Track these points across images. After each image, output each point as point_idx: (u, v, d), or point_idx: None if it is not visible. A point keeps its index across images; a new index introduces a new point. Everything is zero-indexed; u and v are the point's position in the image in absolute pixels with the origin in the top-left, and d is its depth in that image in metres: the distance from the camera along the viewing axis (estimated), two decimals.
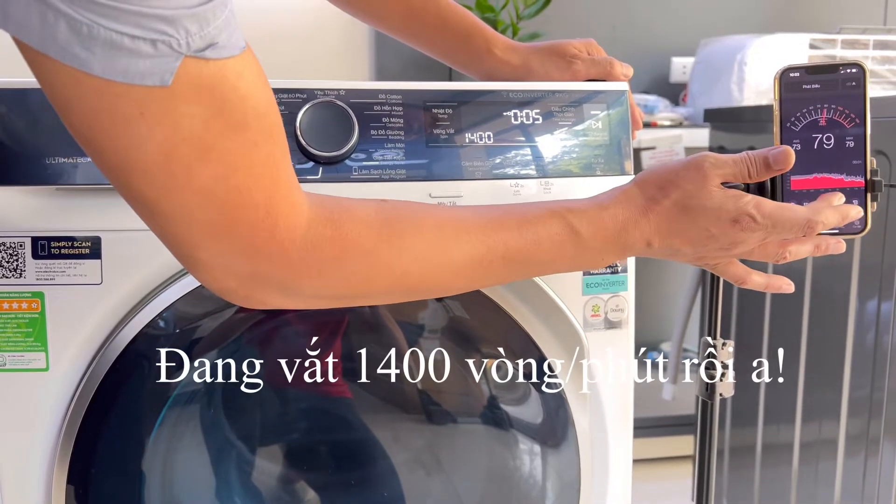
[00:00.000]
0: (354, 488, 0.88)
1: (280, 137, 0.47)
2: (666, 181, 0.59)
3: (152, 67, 0.39)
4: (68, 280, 0.69)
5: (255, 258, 0.47)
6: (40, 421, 0.70)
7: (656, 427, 1.74)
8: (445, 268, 0.55)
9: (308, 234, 0.49)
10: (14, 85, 0.68)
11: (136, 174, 0.43)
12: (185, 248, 0.47)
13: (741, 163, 0.60)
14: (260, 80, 0.45)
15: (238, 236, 0.46)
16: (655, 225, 0.59)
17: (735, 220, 0.57)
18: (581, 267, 0.67)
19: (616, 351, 0.79)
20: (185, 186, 0.43)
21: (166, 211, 0.44)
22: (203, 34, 0.40)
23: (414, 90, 0.74)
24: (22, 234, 0.69)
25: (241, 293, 0.50)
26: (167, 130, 0.41)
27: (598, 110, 0.78)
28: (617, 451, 0.81)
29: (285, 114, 0.71)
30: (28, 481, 0.71)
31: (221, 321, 0.74)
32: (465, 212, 0.58)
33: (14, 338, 0.69)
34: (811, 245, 0.62)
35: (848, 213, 0.60)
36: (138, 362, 0.71)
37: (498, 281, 0.63)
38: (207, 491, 0.84)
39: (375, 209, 0.54)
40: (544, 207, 0.59)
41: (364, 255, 0.52)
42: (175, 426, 0.76)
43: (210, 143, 0.43)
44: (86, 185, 0.68)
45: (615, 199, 0.60)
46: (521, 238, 0.57)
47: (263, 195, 0.46)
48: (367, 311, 0.79)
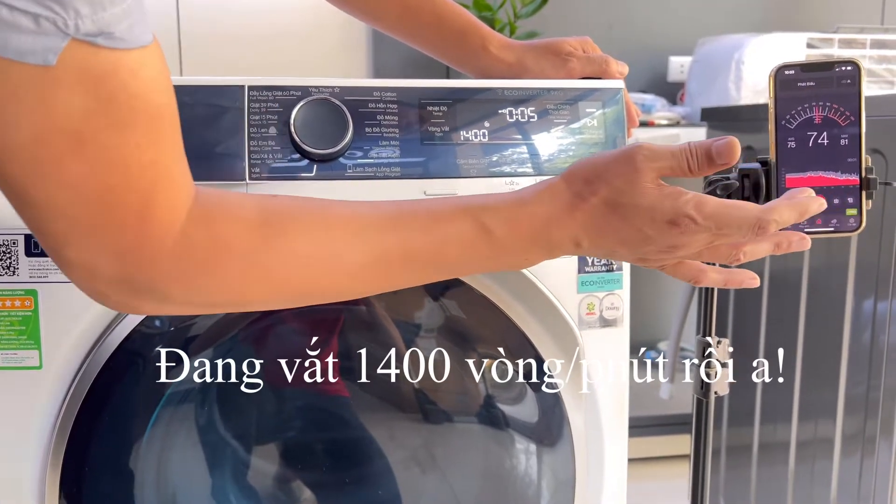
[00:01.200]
0: (350, 487, 0.88)
1: (171, 142, 0.44)
2: (594, 175, 0.53)
3: (34, 45, 0.37)
4: (62, 278, 0.68)
5: (123, 262, 0.45)
6: (33, 419, 0.70)
7: (654, 426, 1.74)
8: (336, 271, 0.51)
9: (181, 236, 0.46)
10: None
11: (6, 156, 0.40)
12: (52, 244, 0.44)
13: (680, 155, 0.53)
14: (160, 81, 0.42)
15: (107, 237, 0.44)
16: (582, 224, 0.53)
17: (672, 221, 0.51)
18: (503, 267, 0.60)
19: (611, 349, 0.79)
20: (55, 178, 0.41)
21: (35, 201, 0.42)
22: (95, 18, 0.38)
23: (409, 88, 0.74)
24: (15, 231, 0.68)
25: (112, 298, 0.47)
26: (41, 116, 0.39)
27: (593, 108, 0.78)
28: (612, 449, 0.81)
29: (279, 111, 0.71)
30: (21, 480, 0.71)
31: (216, 319, 0.74)
32: (363, 208, 0.53)
33: (7, 336, 0.69)
34: (769, 244, 0.55)
35: (808, 207, 0.54)
36: (132, 360, 0.71)
37: (403, 283, 0.57)
38: (203, 490, 0.84)
39: (258, 207, 0.49)
40: (454, 204, 0.54)
41: (237, 258, 0.48)
42: (169, 425, 0.76)
43: (86, 137, 0.40)
44: None
45: (537, 195, 0.54)
46: (425, 237, 0.52)
47: (138, 197, 0.43)
48: (363, 309, 0.79)
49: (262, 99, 0.71)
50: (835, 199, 0.64)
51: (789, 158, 0.63)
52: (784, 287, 1.14)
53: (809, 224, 0.64)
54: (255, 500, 0.86)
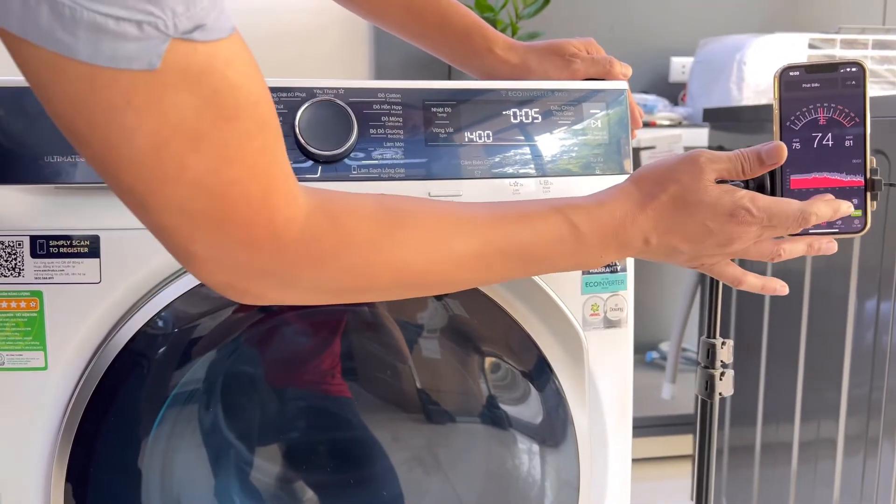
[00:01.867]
0: (353, 488, 0.88)
1: (274, 127, 0.46)
2: (663, 176, 0.59)
3: (139, 51, 0.37)
4: (67, 279, 0.69)
5: (252, 251, 0.46)
6: (39, 420, 0.70)
7: (655, 426, 1.75)
8: (447, 260, 0.55)
9: (306, 225, 0.48)
10: (12, 84, 0.68)
11: (124, 167, 0.41)
12: (178, 243, 0.45)
13: (735, 159, 0.60)
14: (251, 68, 0.44)
15: (233, 229, 0.45)
16: (653, 221, 0.59)
17: (731, 213, 0.58)
18: (580, 265, 0.67)
19: (615, 350, 0.79)
20: (177, 179, 0.42)
21: (158, 204, 0.43)
22: (190, 14, 0.38)
23: (413, 89, 0.74)
24: (20, 232, 0.68)
25: (238, 287, 0.49)
26: (156, 120, 0.40)
27: (597, 109, 0.78)
28: (616, 449, 0.81)
29: (284, 112, 0.71)
30: (27, 480, 0.71)
31: (220, 321, 0.74)
32: (464, 205, 0.58)
33: (13, 337, 0.69)
34: (804, 244, 0.62)
35: (839, 207, 0.61)
36: (137, 361, 0.71)
37: (497, 277, 0.62)
38: (206, 490, 0.84)
39: (374, 201, 0.53)
40: (544, 203, 0.59)
41: (363, 246, 0.51)
42: (174, 425, 0.76)
43: (202, 134, 0.41)
44: (85, 183, 0.68)
45: (612, 196, 0.60)
46: (521, 231, 0.56)
47: (258, 187, 0.45)
48: (365, 310, 0.79)
49: None
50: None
51: (794, 159, 0.63)
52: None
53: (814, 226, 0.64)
54: (258, 500, 0.86)
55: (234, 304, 0.72)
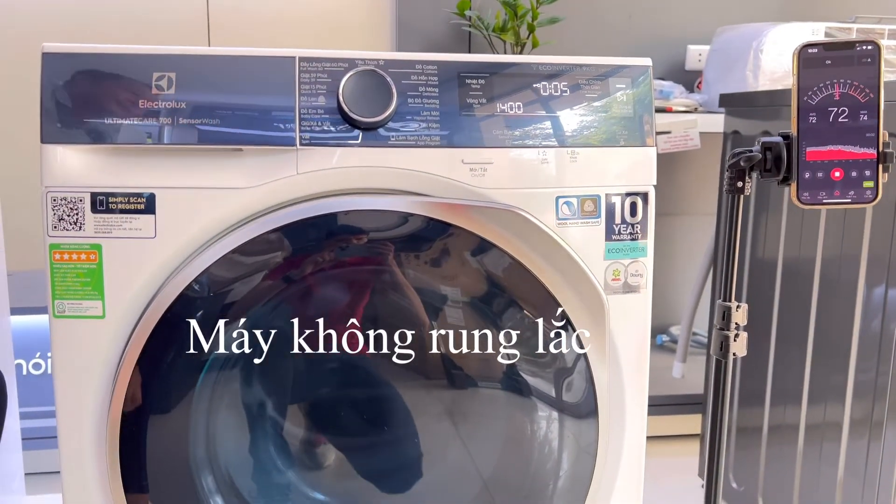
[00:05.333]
0: (376, 448, 0.91)
1: None
2: None
3: None
4: (124, 233, 0.73)
5: None
6: (96, 364, 0.75)
7: (665, 405, 1.78)
8: None
9: None
10: (78, 50, 0.72)
11: None
12: None
13: None
14: None
15: None
16: None
17: None
18: None
19: (634, 313, 0.83)
20: None
21: None
22: None
23: (449, 61, 0.78)
24: (82, 189, 0.73)
25: None
26: None
27: (622, 85, 0.82)
28: (633, 407, 0.85)
29: (328, 81, 0.76)
30: (84, 419, 0.76)
31: (253, 286, 0.77)
32: None
33: (74, 287, 0.73)
34: None
35: None
36: (188, 312, 0.75)
37: None
38: (242, 446, 0.88)
39: None
40: None
41: None
42: (220, 372, 0.80)
43: None
44: (142, 144, 0.73)
45: None
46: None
47: None
48: (390, 275, 0.82)
49: (312, 70, 0.76)
50: (853, 172, 0.68)
51: (810, 132, 0.67)
52: (798, 274, 1.16)
53: (828, 195, 0.68)
54: (288, 457, 0.90)
55: (266, 269, 0.76)
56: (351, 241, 0.76)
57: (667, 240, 2.04)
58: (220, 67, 0.74)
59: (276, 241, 0.74)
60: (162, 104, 0.73)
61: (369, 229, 0.76)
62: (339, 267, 0.79)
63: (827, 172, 0.68)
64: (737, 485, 1.37)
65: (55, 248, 0.73)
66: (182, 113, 0.73)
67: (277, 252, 0.75)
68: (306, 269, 0.77)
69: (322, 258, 0.77)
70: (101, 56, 0.72)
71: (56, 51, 0.72)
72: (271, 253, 0.75)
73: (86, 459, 0.77)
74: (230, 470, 0.85)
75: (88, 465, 0.77)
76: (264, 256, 0.75)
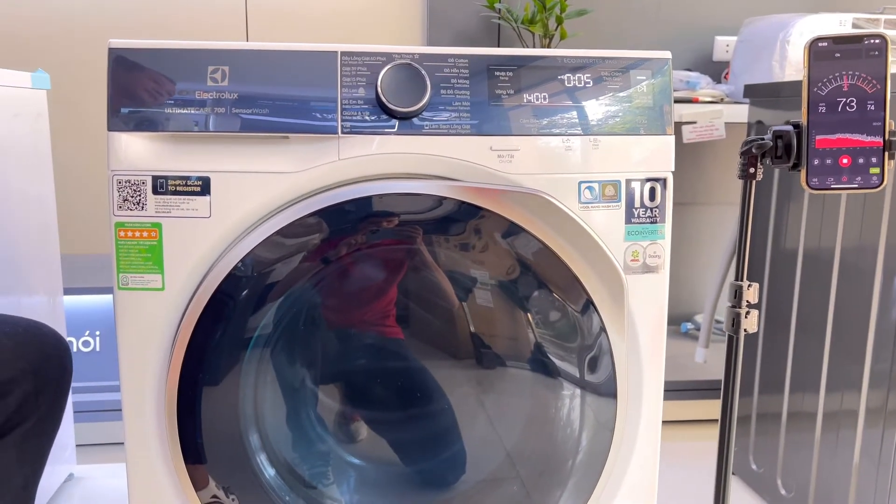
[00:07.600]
0: (406, 424, 0.97)
1: None
2: None
3: None
4: (182, 213, 0.80)
5: None
6: (157, 333, 0.82)
7: (688, 390, 1.82)
8: None
9: None
10: (140, 46, 0.79)
11: None
12: None
13: None
14: None
15: None
16: None
17: None
18: None
19: (652, 292, 0.88)
20: None
21: None
22: None
23: (479, 55, 0.84)
24: (144, 173, 0.80)
25: None
26: None
27: (643, 76, 0.86)
28: (650, 379, 0.89)
29: (367, 74, 0.81)
30: (145, 386, 0.83)
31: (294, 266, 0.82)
32: None
33: (136, 262, 0.81)
34: None
35: None
36: (239, 286, 0.81)
37: None
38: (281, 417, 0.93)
39: None
40: None
41: None
42: (262, 350, 0.86)
43: None
44: (199, 132, 0.79)
45: None
46: None
47: None
48: (423, 257, 0.87)
49: (353, 63, 0.82)
50: (860, 159, 0.72)
51: (820, 121, 0.71)
52: (817, 264, 1.17)
53: (836, 181, 0.72)
54: (324, 430, 0.96)
55: (306, 250, 0.81)
56: (382, 224, 0.81)
57: (692, 229, 2.07)
58: (268, 61, 0.80)
59: (314, 224, 0.80)
60: (216, 95, 0.79)
61: (403, 212, 0.82)
62: (373, 247, 0.85)
63: (835, 159, 0.72)
64: (757, 467, 1.40)
65: (120, 227, 0.80)
66: (234, 103, 0.79)
67: (315, 234, 0.81)
68: (341, 250, 0.82)
69: (356, 240, 0.82)
70: (161, 51, 0.79)
71: (121, 46, 0.79)
72: (310, 235, 0.81)
73: (148, 428, 0.83)
74: (277, 444, 0.90)
75: (150, 435, 0.83)
76: (303, 238, 0.81)
